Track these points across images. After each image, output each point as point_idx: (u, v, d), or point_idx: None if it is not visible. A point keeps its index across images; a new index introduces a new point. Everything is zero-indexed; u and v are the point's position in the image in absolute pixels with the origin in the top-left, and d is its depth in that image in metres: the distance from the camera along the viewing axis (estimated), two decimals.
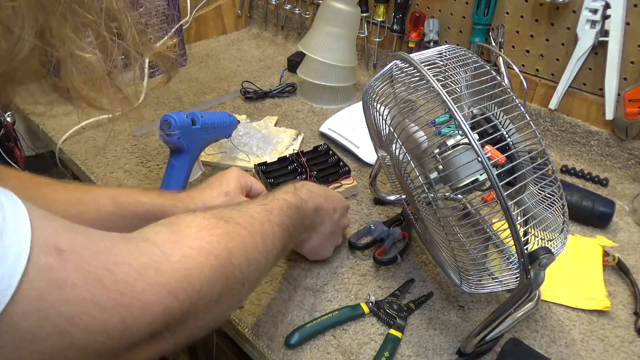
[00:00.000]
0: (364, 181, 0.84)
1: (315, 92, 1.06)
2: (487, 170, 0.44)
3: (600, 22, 0.80)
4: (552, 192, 0.52)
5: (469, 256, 0.53)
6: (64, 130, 0.93)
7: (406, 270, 0.68)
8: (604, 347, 0.58)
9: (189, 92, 1.10)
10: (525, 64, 0.94)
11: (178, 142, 0.70)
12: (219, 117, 0.78)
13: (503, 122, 0.54)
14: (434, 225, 0.55)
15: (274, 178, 0.77)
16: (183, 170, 0.73)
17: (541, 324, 0.61)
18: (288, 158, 0.82)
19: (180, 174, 0.73)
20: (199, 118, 0.73)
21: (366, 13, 1.11)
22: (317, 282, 0.65)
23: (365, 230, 0.71)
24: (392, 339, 0.57)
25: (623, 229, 0.76)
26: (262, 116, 1.01)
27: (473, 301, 0.63)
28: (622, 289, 0.66)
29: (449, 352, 0.57)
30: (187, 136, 0.71)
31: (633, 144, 0.83)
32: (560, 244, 0.53)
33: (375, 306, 0.61)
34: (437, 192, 0.52)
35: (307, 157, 0.82)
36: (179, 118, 0.70)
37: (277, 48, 1.32)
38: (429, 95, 0.49)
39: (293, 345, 0.56)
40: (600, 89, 0.85)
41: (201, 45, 1.32)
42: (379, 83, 0.58)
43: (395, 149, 0.55)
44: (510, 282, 0.53)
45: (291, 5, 1.27)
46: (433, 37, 1.01)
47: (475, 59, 0.54)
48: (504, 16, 0.93)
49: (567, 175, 0.86)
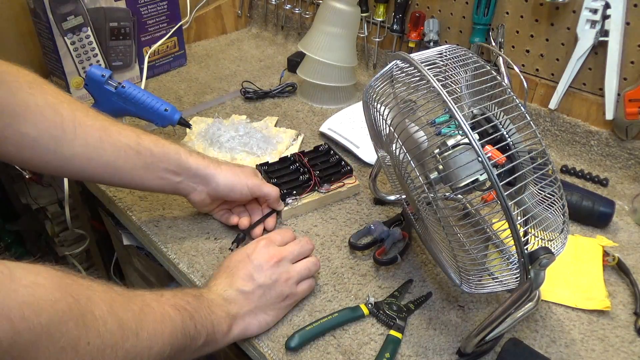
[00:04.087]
0: (364, 181, 0.84)
1: (315, 92, 1.06)
2: (488, 170, 0.44)
3: (600, 22, 0.80)
4: (552, 192, 0.52)
5: (469, 256, 0.53)
6: None
7: (406, 270, 0.68)
8: (604, 347, 0.58)
9: (189, 92, 1.10)
10: (525, 63, 0.94)
11: (86, 88, 0.84)
12: (150, 102, 0.83)
13: (503, 122, 0.53)
14: (434, 225, 0.55)
15: (277, 178, 0.77)
16: None
17: (541, 324, 0.61)
18: (290, 158, 0.82)
19: None
20: (122, 88, 0.82)
21: (366, 13, 1.11)
22: (317, 282, 0.65)
23: (365, 230, 0.71)
24: (392, 340, 0.57)
25: (623, 229, 0.76)
26: (262, 116, 1.01)
27: (473, 301, 0.63)
28: (622, 289, 0.66)
29: (449, 352, 0.57)
30: (97, 90, 0.83)
31: (633, 144, 0.83)
32: (560, 244, 0.53)
33: (374, 307, 0.61)
34: (437, 192, 0.52)
35: (308, 157, 0.82)
36: (93, 70, 0.82)
37: (277, 48, 1.32)
38: (429, 95, 0.49)
39: (293, 348, 0.56)
40: (600, 89, 0.85)
41: (201, 45, 1.32)
42: (379, 83, 0.58)
43: (395, 148, 0.55)
44: (510, 282, 0.53)
45: (291, 5, 1.27)
46: (433, 37, 1.01)
47: (475, 59, 0.54)
48: (504, 16, 0.93)
49: (567, 175, 0.86)
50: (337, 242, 0.72)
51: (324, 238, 0.72)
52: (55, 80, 1.03)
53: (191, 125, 0.88)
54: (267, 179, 0.76)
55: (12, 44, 1.03)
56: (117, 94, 0.82)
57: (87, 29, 0.98)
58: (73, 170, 0.62)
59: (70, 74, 0.99)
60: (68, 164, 0.60)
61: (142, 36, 1.09)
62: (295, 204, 0.74)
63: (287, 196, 0.74)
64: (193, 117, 0.98)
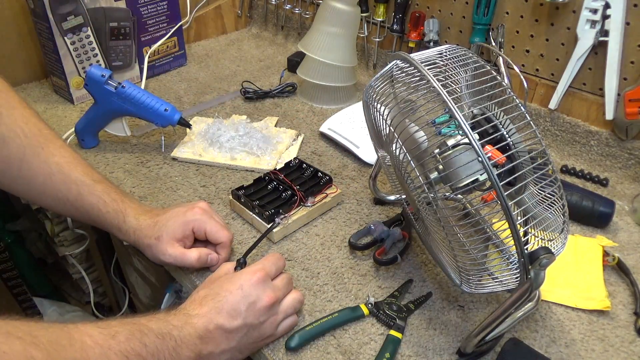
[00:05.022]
0: (364, 181, 0.84)
1: (315, 92, 1.06)
2: (488, 170, 0.44)
3: (600, 22, 0.80)
4: (552, 192, 0.52)
5: (469, 256, 0.53)
6: (63, 130, 0.93)
7: (406, 270, 0.68)
8: (604, 347, 0.58)
9: (189, 92, 1.10)
10: (525, 63, 0.94)
11: (86, 88, 0.83)
12: (150, 102, 0.83)
13: (503, 122, 0.53)
14: (434, 225, 0.55)
15: (258, 200, 0.72)
16: (90, 117, 0.86)
17: (541, 324, 0.61)
18: (265, 178, 0.77)
19: (89, 119, 0.86)
20: (122, 88, 0.82)
21: (366, 13, 1.11)
22: (317, 282, 0.65)
23: (365, 230, 0.71)
24: (393, 340, 0.57)
25: (623, 229, 0.76)
26: (262, 116, 1.01)
27: (473, 301, 0.63)
28: (622, 289, 0.66)
29: (449, 352, 0.57)
30: (97, 90, 0.82)
31: (633, 144, 0.83)
32: (560, 244, 0.53)
33: (374, 307, 0.61)
34: (437, 192, 0.52)
35: (284, 173, 0.78)
36: (93, 70, 0.81)
37: (277, 48, 1.32)
38: (429, 95, 0.49)
39: (293, 348, 0.56)
40: (600, 89, 0.85)
41: (201, 45, 1.32)
42: (379, 83, 0.58)
43: (395, 148, 0.55)
44: (510, 282, 0.53)
45: (291, 5, 1.27)
46: (433, 37, 1.01)
47: (475, 59, 0.54)
48: (504, 16, 0.93)
49: (567, 175, 0.86)
50: (337, 242, 0.72)
51: (324, 238, 0.72)
52: (55, 81, 1.03)
53: (191, 125, 0.88)
54: (250, 202, 0.72)
55: (12, 44, 1.03)
56: (117, 94, 0.82)
57: (87, 29, 0.98)
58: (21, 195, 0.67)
59: (70, 74, 0.99)
60: (13, 190, 0.65)
61: (142, 36, 1.09)
62: (286, 222, 0.71)
63: (275, 216, 0.70)
64: (193, 117, 0.98)
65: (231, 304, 0.52)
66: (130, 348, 0.43)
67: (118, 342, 0.43)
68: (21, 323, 0.39)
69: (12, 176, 0.63)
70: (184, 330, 0.49)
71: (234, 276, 0.56)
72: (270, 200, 0.73)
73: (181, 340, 0.48)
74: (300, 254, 0.69)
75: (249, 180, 0.77)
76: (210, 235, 0.64)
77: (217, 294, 0.53)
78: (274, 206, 0.71)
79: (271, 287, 0.55)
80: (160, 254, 0.62)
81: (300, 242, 0.71)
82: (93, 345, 0.41)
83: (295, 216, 0.72)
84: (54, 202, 0.65)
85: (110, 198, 0.64)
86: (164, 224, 0.62)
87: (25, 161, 0.62)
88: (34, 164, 0.63)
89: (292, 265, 0.67)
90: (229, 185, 0.82)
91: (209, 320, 0.51)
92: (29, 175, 0.63)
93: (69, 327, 0.42)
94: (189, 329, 0.49)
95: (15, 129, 0.62)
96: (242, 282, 0.54)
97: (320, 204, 0.75)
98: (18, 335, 0.37)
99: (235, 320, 0.52)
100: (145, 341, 0.45)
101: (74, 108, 1.02)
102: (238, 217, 0.75)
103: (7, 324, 0.38)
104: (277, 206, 0.71)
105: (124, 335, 0.44)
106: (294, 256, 0.69)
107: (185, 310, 0.52)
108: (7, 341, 0.36)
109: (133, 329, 0.45)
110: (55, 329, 0.41)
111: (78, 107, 1.02)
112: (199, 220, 0.63)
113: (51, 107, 1.02)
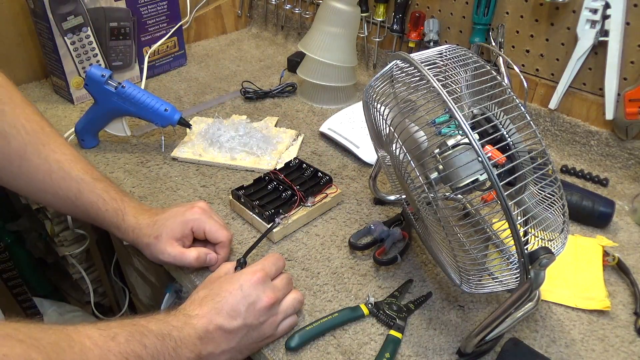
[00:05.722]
0: (364, 181, 0.84)
1: (315, 92, 1.06)
2: (488, 170, 0.44)
3: (600, 22, 0.80)
4: (552, 192, 0.52)
5: (469, 256, 0.53)
6: (63, 130, 0.93)
7: (406, 270, 0.68)
8: (604, 347, 0.58)
9: (189, 92, 1.10)
10: (525, 63, 0.94)
11: (86, 88, 0.83)
12: (150, 102, 0.83)
13: (503, 122, 0.53)
14: (434, 225, 0.55)
15: (258, 200, 0.72)
16: (90, 117, 0.86)
17: (541, 324, 0.61)
18: (265, 178, 0.77)
19: (89, 119, 0.86)
20: (122, 88, 0.82)
21: (366, 13, 1.11)
22: (317, 282, 0.65)
23: (365, 230, 0.71)
24: (393, 340, 0.57)
25: (623, 229, 0.76)
26: (262, 116, 1.01)
27: (473, 301, 0.63)
28: (622, 289, 0.66)
29: (449, 352, 0.57)
30: (97, 90, 0.82)
31: (633, 144, 0.83)
32: (560, 244, 0.53)
33: (374, 307, 0.61)
34: (437, 192, 0.52)
35: (284, 173, 0.78)
36: (93, 70, 0.82)
37: (277, 48, 1.32)
38: (429, 95, 0.49)
39: (293, 348, 0.56)
40: (600, 89, 0.85)
41: (201, 45, 1.32)
42: (379, 83, 0.58)
43: (395, 148, 0.55)
44: (510, 282, 0.53)
45: (291, 5, 1.27)
46: (433, 37, 1.01)
47: (475, 59, 0.54)
48: (504, 16, 0.93)
49: (567, 175, 0.86)
50: (337, 242, 0.72)
51: (324, 238, 0.72)
52: (55, 81, 1.03)
53: (191, 125, 0.88)
54: (250, 202, 0.72)
55: (12, 44, 1.03)
56: (117, 94, 0.82)
57: (87, 29, 0.98)
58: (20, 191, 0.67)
59: (70, 74, 0.99)
60: (13, 187, 0.65)
61: (142, 36, 1.09)
62: (286, 222, 0.71)
63: (275, 216, 0.70)
64: (193, 117, 0.98)
65: (231, 304, 0.52)
66: (130, 349, 0.43)
67: (118, 344, 0.43)
68: (21, 325, 0.39)
69: (12, 172, 0.63)
70: (183, 331, 0.49)
71: (233, 276, 0.56)
72: (270, 200, 0.73)
73: (181, 341, 0.48)
74: (300, 254, 0.69)
75: (249, 180, 0.77)
76: (209, 234, 0.64)
77: (217, 294, 0.53)
78: (274, 206, 0.71)
79: (271, 287, 0.55)
80: (159, 253, 0.62)
81: (300, 242, 0.71)
82: (93, 347, 0.41)
83: (295, 216, 0.72)
84: (53, 200, 0.65)
85: (110, 196, 0.64)
86: (163, 223, 0.63)
87: (26, 158, 0.62)
88: (34, 160, 0.63)
89: (292, 265, 0.67)
90: (229, 185, 0.82)
91: (209, 320, 0.51)
92: (29, 172, 0.63)
93: (68, 329, 0.42)
94: (188, 330, 0.49)
95: (17, 125, 0.62)
96: (241, 283, 0.54)
97: (320, 204, 0.75)
98: (18, 337, 0.37)
99: (235, 320, 0.51)
100: (145, 342, 0.45)
101: (74, 108, 1.02)
102: (238, 217, 0.75)
103: (7, 326, 0.38)
104: (277, 206, 0.71)
105: (123, 336, 0.44)
106: (294, 256, 0.69)
107: (185, 311, 0.52)
108: (8, 344, 0.37)
109: (133, 330, 0.45)
110: (55, 331, 0.41)
111: (78, 107, 1.02)
112: (198, 220, 0.63)
113: (51, 107, 1.02)
